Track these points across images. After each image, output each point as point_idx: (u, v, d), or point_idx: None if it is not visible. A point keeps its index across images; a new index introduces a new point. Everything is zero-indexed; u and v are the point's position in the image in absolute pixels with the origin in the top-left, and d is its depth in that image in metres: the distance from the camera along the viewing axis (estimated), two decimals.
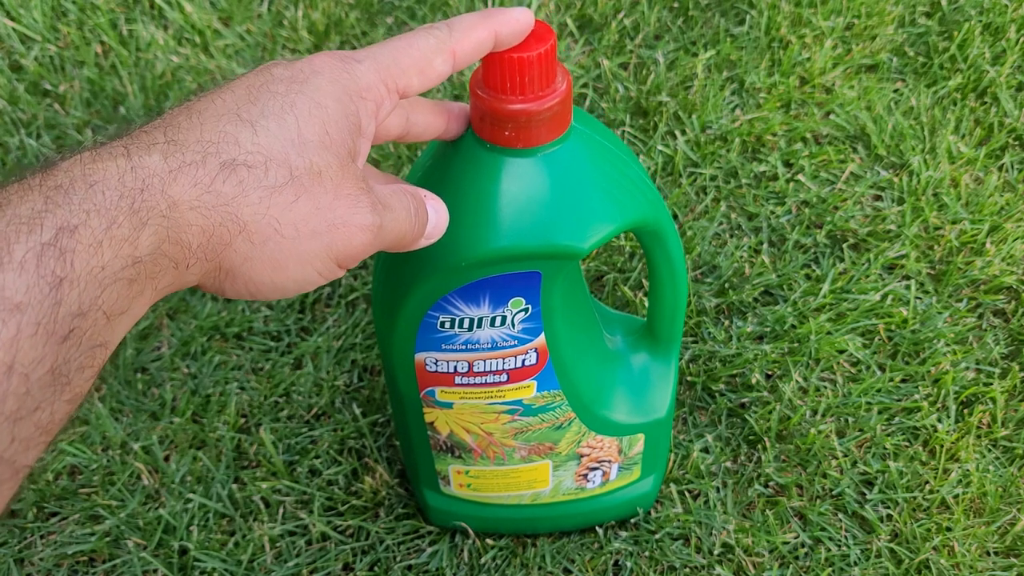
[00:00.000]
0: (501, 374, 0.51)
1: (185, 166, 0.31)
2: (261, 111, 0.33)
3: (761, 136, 0.86)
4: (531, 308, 0.48)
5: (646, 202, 0.47)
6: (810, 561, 0.63)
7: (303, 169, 0.33)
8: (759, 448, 0.68)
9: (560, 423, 0.55)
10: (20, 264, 0.25)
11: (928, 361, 0.72)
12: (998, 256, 0.78)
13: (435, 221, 0.40)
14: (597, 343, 0.57)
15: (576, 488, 0.60)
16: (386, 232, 0.36)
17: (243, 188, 0.32)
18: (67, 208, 0.27)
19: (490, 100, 0.41)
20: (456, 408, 0.54)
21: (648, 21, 0.96)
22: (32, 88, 0.90)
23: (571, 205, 0.44)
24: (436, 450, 0.58)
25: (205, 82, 0.90)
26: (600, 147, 0.46)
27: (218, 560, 0.62)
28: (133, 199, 0.29)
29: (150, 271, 0.29)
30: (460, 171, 0.45)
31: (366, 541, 0.64)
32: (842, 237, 0.80)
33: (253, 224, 0.32)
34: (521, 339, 0.50)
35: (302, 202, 0.33)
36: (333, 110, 0.34)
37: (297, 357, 0.73)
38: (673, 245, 0.50)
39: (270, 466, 0.66)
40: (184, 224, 0.30)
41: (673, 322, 0.55)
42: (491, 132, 0.42)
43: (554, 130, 0.43)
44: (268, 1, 0.97)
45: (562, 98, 0.42)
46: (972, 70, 0.92)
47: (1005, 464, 0.67)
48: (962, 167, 0.85)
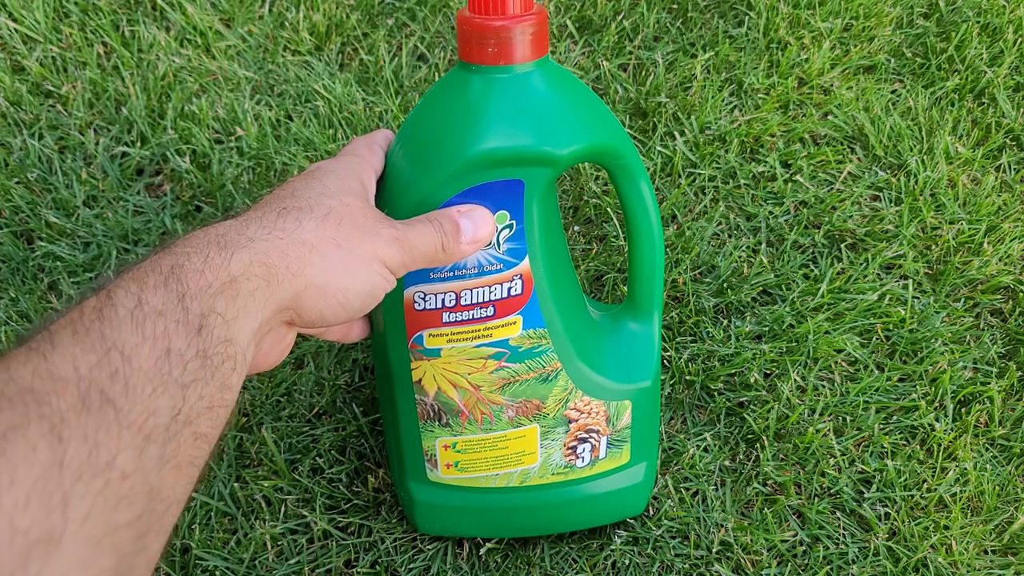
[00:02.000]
0: (488, 306, 0.54)
1: (251, 220, 0.43)
2: (295, 188, 0.46)
3: (759, 137, 0.87)
4: (515, 225, 0.52)
5: (615, 129, 0.52)
6: (808, 559, 0.63)
7: (336, 206, 0.45)
8: (757, 447, 0.68)
9: (547, 373, 0.56)
10: (153, 288, 0.36)
11: (926, 360, 0.72)
12: (995, 256, 0.78)
13: (472, 229, 0.49)
14: (581, 306, 0.59)
15: (565, 466, 0.60)
16: (412, 244, 0.46)
17: (299, 222, 0.43)
18: (173, 255, 0.39)
19: (476, 20, 0.48)
20: (443, 356, 0.55)
21: (647, 23, 0.96)
22: (34, 89, 0.90)
23: (548, 117, 0.49)
24: (423, 420, 0.58)
25: (207, 83, 0.90)
26: (573, 79, 0.52)
27: (220, 558, 0.62)
28: (218, 241, 0.40)
29: (247, 287, 0.39)
30: (449, 91, 0.51)
31: (367, 539, 0.64)
32: (840, 237, 0.80)
33: (317, 242, 0.43)
34: (506, 262, 0.53)
35: (344, 225, 0.44)
36: (344, 174, 0.48)
37: (298, 356, 0.73)
38: (644, 181, 0.54)
39: (272, 465, 0.67)
40: (263, 251, 0.41)
41: (652, 279, 0.58)
42: (475, 52, 0.48)
43: (532, 51, 0.49)
44: (269, 2, 0.98)
45: (538, 19, 0.48)
46: (970, 71, 0.93)
47: (1002, 463, 0.68)
48: (960, 167, 0.85)
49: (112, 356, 0.33)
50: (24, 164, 0.84)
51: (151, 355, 0.34)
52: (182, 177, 0.83)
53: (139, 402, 0.33)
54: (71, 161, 0.85)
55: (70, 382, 0.32)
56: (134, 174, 0.85)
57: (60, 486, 0.30)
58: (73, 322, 0.34)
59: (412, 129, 0.52)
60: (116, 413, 0.32)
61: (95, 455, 0.31)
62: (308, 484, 0.66)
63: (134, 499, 0.32)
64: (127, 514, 0.32)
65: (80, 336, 0.34)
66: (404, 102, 0.89)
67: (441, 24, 0.97)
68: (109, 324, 0.34)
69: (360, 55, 0.94)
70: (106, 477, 0.31)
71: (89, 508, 0.31)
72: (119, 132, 0.87)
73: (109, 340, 0.34)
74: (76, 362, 0.33)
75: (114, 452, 0.32)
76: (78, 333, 0.34)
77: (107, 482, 0.31)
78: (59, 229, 0.80)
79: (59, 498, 0.30)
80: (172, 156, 0.84)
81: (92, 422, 0.32)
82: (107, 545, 0.31)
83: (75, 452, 0.31)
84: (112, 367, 0.33)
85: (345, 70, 0.94)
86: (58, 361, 0.32)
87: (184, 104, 0.88)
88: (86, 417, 0.31)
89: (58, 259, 0.78)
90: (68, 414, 0.31)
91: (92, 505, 0.31)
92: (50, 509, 0.30)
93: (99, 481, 0.31)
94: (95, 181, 0.83)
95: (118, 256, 0.78)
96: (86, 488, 0.31)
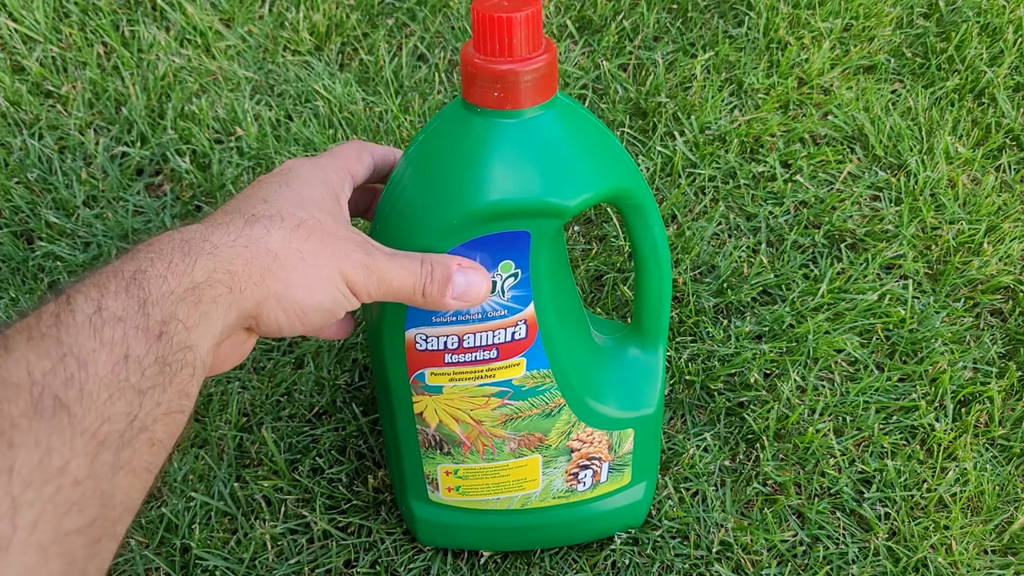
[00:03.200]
0: (491, 349, 0.52)
1: (218, 224, 0.42)
2: (267, 194, 0.45)
3: (759, 137, 0.87)
4: (521, 273, 0.50)
5: (628, 172, 0.50)
6: (808, 559, 0.63)
7: (307, 219, 0.44)
8: (757, 447, 0.68)
9: (550, 409, 0.55)
10: (114, 294, 0.36)
11: (926, 360, 0.72)
12: (995, 256, 0.78)
13: (463, 287, 0.47)
14: (585, 334, 0.58)
15: (567, 490, 0.60)
16: (386, 277, 0.45)
17: (267, 230, 0.42)
18: (136, 260, 0.38)
19: (480, 62, 0.44)
20: (445, 392, 0.54)
21: (647, 23, 0.96)
22: (34, 89, 0.90)
23: (557, 166, 0.47)
24: (424, 447, 0.57)
25: (207, 83, 0.90)
26: (584, 117, 0.49)
27: (220, 558, 0.62)
28: (182, 247, 0.39)
29: (209, 294, 0.39)
30: (451, 135, 0.48)
31: (367, 539, 0.64)
32: (840, 237, 0.80)
33: (282, 252, 0.42)
34: (511, 308, 0.51)
35: (313, 239, 0.43)
36: (318, 186, 0.47)
37: (298, 356, 0.73)
38: (655, 221, 0.52)
39: (272, 465, 0.67)
40: (227, 257, 0.40)
41: (659, 309, 0.56)
42: (480, 95, 0.45)
43: (540, 94, 0.46)
44: (269, 2, 0.98)
45: (547, 62, 0.45)
46: (970, 71, 0.93)
47: (1002, 463, 0.68)
48: (960, 167, 0.85)
49: (67, 361, 0.33)
50: (24, 164, 0.84)
51: (108, 361, 0.34)
52: (182, 177, 0.83)
53: (94, 408, 0.33)
54: (71, 161, 0.85)
55: (23, 387, 0.32)
56: (134, 174, 0.85)
57: (9, 492, 0.30)
58: (29, 327, 0.34)
59: (413, 172, 0.49)
60: (70, 419, 0.32)
61: (46, 461, 0.31)
62: (308, 484, 0.66)
63: (86, 505, 0.32)
64: (78, 520, 0.32)
65: (35, 341, 0.33)
66: (404, 102, 0.89)
67: (441, 24, 0.97)
68: (66, 329, 0.34)
69: (360, 55, 0.94)
70: (57, 483, 0.31)
71: (38, 514, 0.30)
72: (119, 132, 0.87)
73: (65, 345, 0.33)
74: (30, 367, 0.32)
75: (66, 458, 0.32)
76: (33, 338, 0.33)
77: (58, 488, 0.31)
78: (59, 229, 0.80)
79: (8, 505, 0.30)
80: (172, 156, 0.84)
81: (44, 428, 0.31)
82: (56, 552, 0.31)
83: (26, 458, 0.31)
84: (67, 373, 0.33)
85: (345, 70, 0.94)
86: (11, 367, 0.32)
87: (184, 104, 0.88)
88: (38, 423, 0.31)
89: (58, 259, 0.78)
90: (20, 420, 0.31)
91: (41, 511, 0.30)
92: None
93: (50, 487, 0.31)
94: (95, 181, 0.83)
95: (118, 256, 0.78)
96: (36, 494, 0.30)
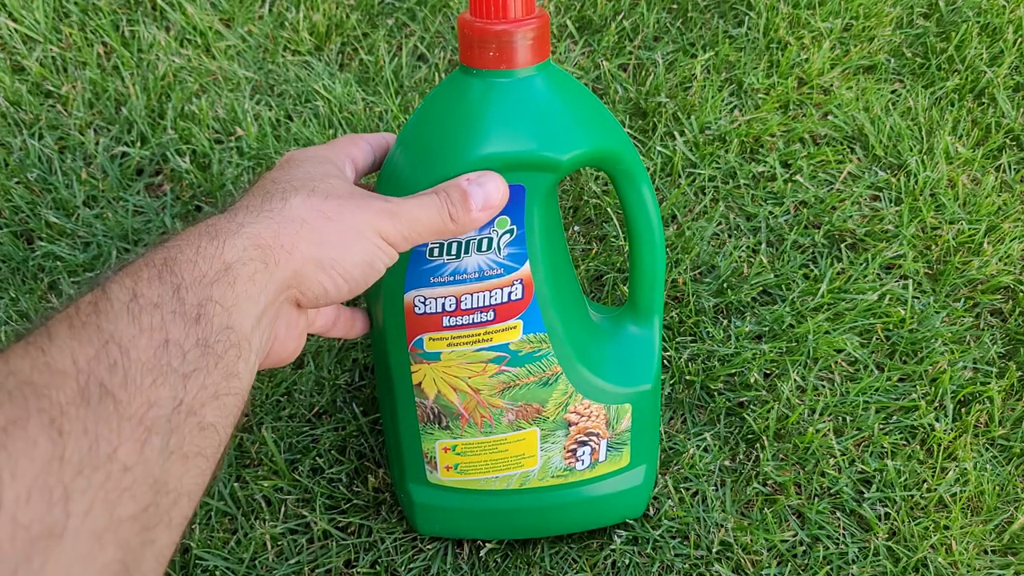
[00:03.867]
0: (488, 311, 0.53)
1: (238, 208, 0.43)
2: (275, 177, 0.46)
3: (759, 137, 0.87)
4: (516, 229, 0.51)
5: (617, 134, 0.52)
6: (808, 559, 0.63)
7: (320, 186, 0.45)
8: (757, 447, 0.68)
9: (547, 377, 0.56)
10: (148, 281, 0.36)
11: (926, 360, 0.72)
12: (995, 256, 0.78)
13: (482, 195, 0.47)
14: (581, 309, 0.59)
15: (565, 468, 0.60)
16: (412, 216, 0.45)
17: (286, 201, 0.43)
18: (165, 248, 0.39)
19: (478, 24, 0.47)
20: (443, 359, 0.55)
21: (647, 23, 0.96)
22: (34, 89, 0.90)
23: (550, 122, 0.49)
24: (423, 422, 0.58)
25: (207, 83, 0.90)
26: (574, 83, 0.51)
27: (220, 558, 0.62)
28: (208, 231, 0.40)
29: (244, 272, 0.39)
30: (449, 95, 0.50)
31: (367, 539, 0.64)
32: (840, 237, 0.80)
33: (308, 216, 0.43)
34: (507, 267, 0.52)
35: (331, 200, 0.44)
36: (319, 160, 0.48)
37: (299, 356, 0.73)
38: (646, 187, 0.54)
39: (272, 465, 0.67)
40: (254, 233, 0.41)
41: (653, 285, 0.57)
42: (477, 56, 0.48)
43: (534, 56, 0.48)
44: (269, 2, 0.98)
45: (540, 23, 0.48)
46: (970, 71, 0.93)
47: (1002, 463, 0.68)
48: (960, 167, 0.85)
49: (110, 348, 0.33)
50: (24, 164, 0.84)
51: (149, 346, 0.34)
52: (182, 177, 0.83)
53: (139, 393, 0.33)
54: (71, 161, 0.85)
55: (69, 375, 0.32)
56: (134, 174, 0.85)
57: (61, 480, 0.30)
58: (70, 317, 0.34)
59: (412, 133, 0.52)
60: (116, 405, 0.32)
61: (95, 448, 0.31)
62: (308, 484, 0.66)
63: (137, 492, 0.32)
64: (131, 507, 0.32)
65: (77, 330, 0.34)
66: (404, 102, 0.89)
67: (441, 24, 0.97)
68: (105, 317, 0.34)
69: (360, 55, 0.94)
70: (107, 470, 0.31)
71: (91, 502, 0.30)
72: (119, 132, 0.87)
73: (106, 333, 0.34)
74: (74, 355, 0.33)
75: (115, 445, 0.32)
76: (75, 327, 0.34)
77: (108, 475, 0.31)
78: (59, 229, 0.80)
79: (60, 492, 0.30)
80: (172, 156, 0.84)
81: (92, 415, 0.32)
82: (110, 539, 0.31)
83: (75, 446, 0.31)
84: (110, 359, 0.33)
85: (345, 70, 0.94)
86: (56, 355, 0.32)
87: (184, 104, 0.88)
88: (86, 410, 0.31)
89: (58, 259, 0.78)
90: (68, 407, 0.31)
91: (94, 499, 0.30)
92: (51, 504, 0.29)
93: (100, 474, 0.31)
94: (95, 181, 0.83)
95: (118, 256, 0.78)
96: (87, 482, 0.30)
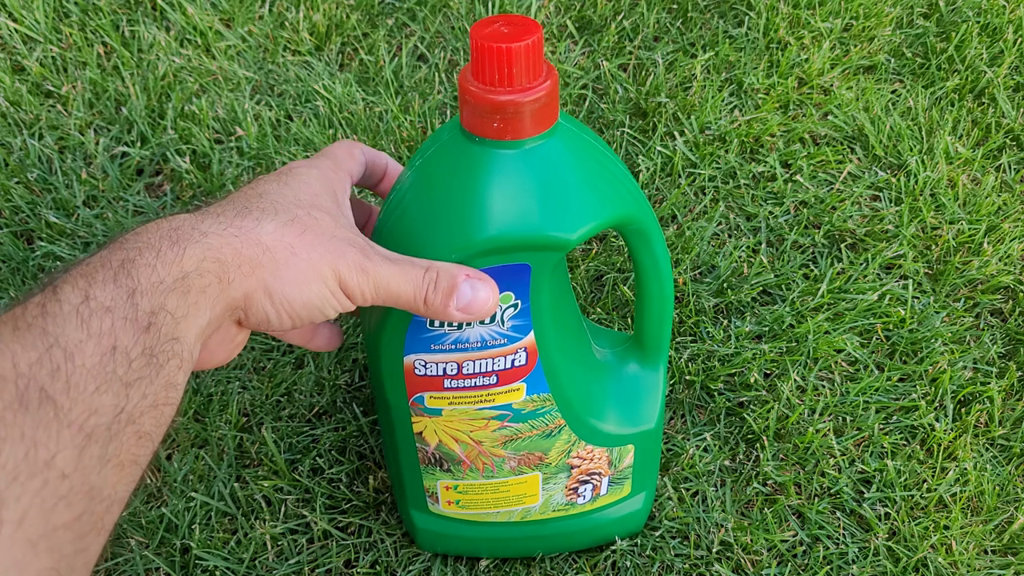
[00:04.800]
0: (491, 375, 0.51)
1: (209, 214, 0.41)
2: (264, 190, 0.44)
3: (759, 137, 0.87)
4: (521, 304, 0.48)
5: (631, 198, 0.48)
6: (808, 559, 0.63)
7: (303, 216, 0.42)
8: (757, 447, 0.68)
9: (550, 430, 0.54)
10: (102, 283, 0.35)
11: (926, 360, 0.72)
12: (995, 256, 0.78)
13: (468, 298, 0.44)
14: (585, 352, 0.56)
15: (567, 503, 0.59)
16: (383, 282, 0.43)
17: (259, 222, 0.41)
18: (124, 249, 0.37)
19: (479, 92, 0.42)
20: (445, 415, 0.53)
21: (647, 23, 0.96)
22: (35, 89, 0.90)
23: (558, 197, 0.45)
24: (424, 464, 0.57)
25: (207, 83, 0.90)
26: (586, 144, 0.47)
27: (220, 558, 0.62)
28: (171, 235, 0.38)
29: (198, 284, 0.38)
30: (449, 165, 0.46)
31: (367, 539, 0.64)
32: (840, 237, 0.80)
33: (273, 245, 0.41)
34: (511, 337, 0.49)
35: (308, 235, 0.42)
36: (317, 185, 0.45)
37: (298, 356, 0.73)
38: (658, 245, 0.50)
39: (272, 465, 0.67)
40: (216, 246, 0.39)
41: (661, 329, 0.55)
42: (479, 125, 0.43)
43: (541, 123, 0.44)
44: (269, 2, 0.98)
45: (549, 90, 0.43)
46: (970, 71, 0.93)
47: (1002, 463, 0.68)
48: (959, 167, 0.85)
49: (54, 353, 0.32)
50: (24, 164, 0.84)
51: (95, 352, 0.33)
52: (182, 177, 0.83)
53: (81, 400, 0.32)
54: (71, 161, 0.85)
55: (8, 380, 0.31)
56: (134, 174, 0.85)
57: None
58: (15, 318, 0.33)
59: (411, 200, 0.48)
60: (56, 411, 0.32)
61: (32, 454, 0.31)
62: (308, 484, 0.66)
63: (73, 499, 0.32)
64: (66, 514, 0.31)
65: (21, 332, 0.33)
66: (404, 102, 0.89)
67: (441, 24, 0.97)
68: (52, 320, 0.33)
69: (360, 55, 0.94)
70: (44, 477, 0.31)
71: (25, 509, 0.30)
72: (119, 132, 0.87)
73: (51, 336, 0.33)
74: (15, 359, 0.32)
75: (53, 451, 0.31)
76: (19, 329, 0.33)
77: (45, 482, 0.31)
78: (59, 229, 0.80)
79: None
80: (172, 156, 0.84)
81: (30, 420, 0.31)
82: (45, 546, 0.31)
83: (11, 452, 0.30)
84: (53, 364, 0.32)
85: (345, 70, 0.94)
86: None
87: (184, 104, 0.88)
88: (23, 416, 0.31)
89: (58, 259, 0.78)
90: (5, 413, 0.31)
91: (29, 506, 0.30)
92: None
93: (36, 481, 0.30)
94: (95, 181, 0.83)
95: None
96: (22, 489, 0.30)
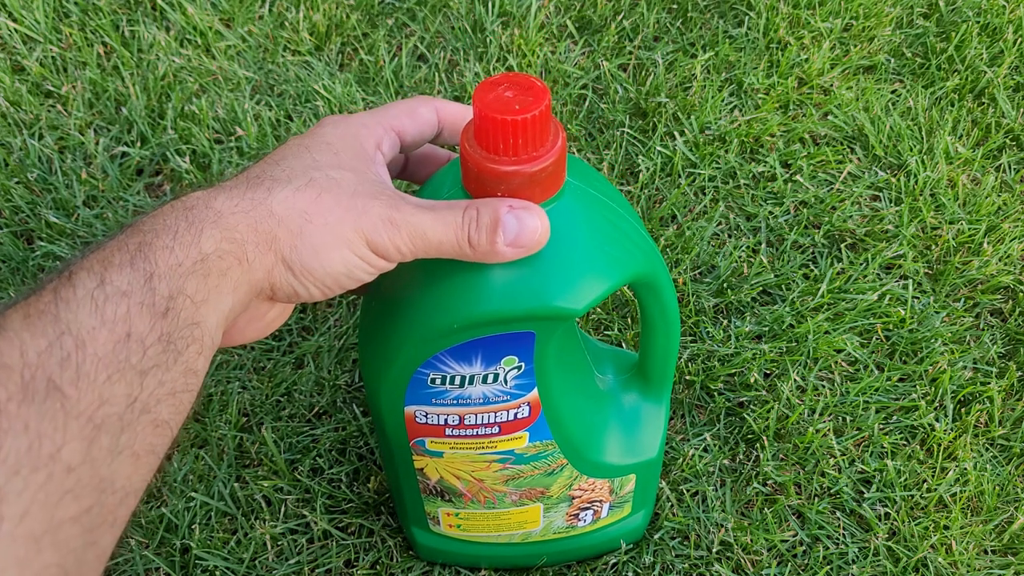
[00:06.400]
0: (493, 427, 0.50)
1: (221, 189, 0.39)
2: (283, 156, 0.41)
3: (760, 137, 0.87)
4: (524, 366, 0.47)
5: (642, 256, 0.46)
6: (808, 559, 0.63)
7: (321, 178, 0.40)
8: (757, 447, 0.68)
9: (552, 469, 0.54)
10: (119, 267, 0.34)
11: (925, 360, 0.72)
12: (995, 256, 0.78)
13: (515, 230, 0.40)
14: (589, 385, 0.56)
15: (567, 527, 0.60)
16: (419, 230, 0.40)
17: (271, 191, 0.39)
18: (140, 232, 0.36)
19: (482, 160, 0.40)
20: (447, 457, 0.53)
21: (647, 23, 0.96)
22: (34, 89, 0.90)
23: (565, 266, 0.43)
24: (425, 493, 0.57)
25: (207, 83, 0.90)
26: (595, 201, 0.45)
27: (220, 558, 0.62)
28: (186, 216, 0.37)
29: (219, 266, 0.36)
30: None
31: (368, 539, 0.64)
32: (840, 237, 0.80)
33: (285, 215, 0.39)
34: (514, 394, 0.48)
35: (324, 198, 0.39)
36: (339, 145, 0.42)
37: (298, 356, 0.73)
38: (667, 296, 0.49)
39: (272, 465, 0.67)
40: (232, 225, 0.37)
41: (665, 366, 0.54)
42: (483, 192, 0.41)
43: (548, 189, 0.41)
44: (269, 2, 0.98)
45: (556, 158, 0.40)
46: (970, 71, 0.93)
47: (1002, 463, 0.68)
48: (959, 167, 0.85)
49: (64, 341, 0.31)
50: (24, 164, 0.84)
51: (109, 340, 0.32)
52: (182, 177, 0.83)
53: (91, 390, 0.31)
54: (71, 161, 0.85)
55: (14, 370, 0.30)
56: (134, 174, 0.85)
57: None
58: (28, 304, 0.32)
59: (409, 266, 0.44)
60: (63, 402, 0.31)
61: (36, 447, 0.30)
62: (308, 484, 0.66)
63: (81, 493, 0.31)
64: (73, 508, 0.30)
65: (32, 319, 0.32)
66: None
67: (441, 24, 0.97)
68: (65, 306, 0.32)
69: (360, 55, 0.94)
70: (48, 471, 0.30)
71: (28, 504, 0.29)
72: (119, 132, 0.87)
73: (63, 323, 0.32)
74: (24, 347, 0.31)
75: (59, 444, 0.30)
76: (30, 316, 0.32)
77: (50, 476, 0.30)
78: (59, 229, 0.80)
79: None
80: (172, 156, 0.84)
81: (35, 412, 0.30)
82: (49, 542, 0.30)
83: (13, 445, 0.29)
84: (64, 352, 0.31)
85: (345, 70, 0.94)
86: (4, 347, 0.31)
87: (184, 104, 0.88)
88: (28, 407, 0.30)
89: (58, 259, 0.78)
90: (8, 404, 0.30)
91: (31, 501, 0.29)
92: None
93: (40, 475, 0.30)
94: (95, 181, 0.83)
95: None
96: (24, 483, 0.29)
